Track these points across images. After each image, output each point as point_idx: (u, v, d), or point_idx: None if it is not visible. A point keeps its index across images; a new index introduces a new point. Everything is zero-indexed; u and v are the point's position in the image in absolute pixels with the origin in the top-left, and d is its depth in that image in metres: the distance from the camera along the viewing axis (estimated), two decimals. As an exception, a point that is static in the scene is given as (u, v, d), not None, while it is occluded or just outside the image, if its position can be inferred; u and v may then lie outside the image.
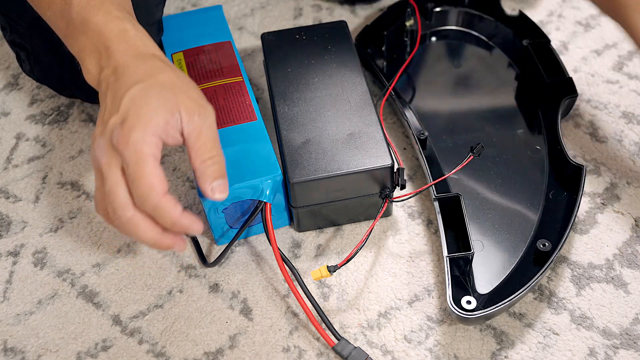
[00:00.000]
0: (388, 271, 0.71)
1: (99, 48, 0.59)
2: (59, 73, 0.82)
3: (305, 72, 0.77)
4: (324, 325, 0.65)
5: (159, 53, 0.60)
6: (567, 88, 0.80)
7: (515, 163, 0.77)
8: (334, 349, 0.63)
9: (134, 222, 0.55)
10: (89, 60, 0.60)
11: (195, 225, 0.57)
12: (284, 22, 1.00)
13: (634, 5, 0.68)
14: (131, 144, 0.54)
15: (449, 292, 0.63)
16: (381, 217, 0.72)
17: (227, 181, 0.58)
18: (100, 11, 0.60)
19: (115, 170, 0.55)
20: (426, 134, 0.78)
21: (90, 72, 0.60)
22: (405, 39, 0.92)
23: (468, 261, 0.66)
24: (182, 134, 0.57)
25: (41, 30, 0.78)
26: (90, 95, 0.87)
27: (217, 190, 0.57)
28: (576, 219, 0.71)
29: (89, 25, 0.59)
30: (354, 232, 0.74)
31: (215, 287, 0.70)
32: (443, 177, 0.71)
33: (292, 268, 0.67)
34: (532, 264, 0.67)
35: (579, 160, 0.79)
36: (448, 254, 0.66)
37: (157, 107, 0.55)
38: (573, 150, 0.80)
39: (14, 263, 0.74)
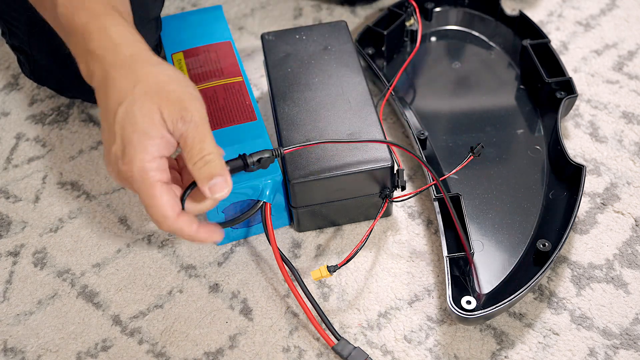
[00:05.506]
0: (388, 271, 0.71)
1: (84, 51, 0.59)
2: (58, 75, 0.82)
3: (305, 72, 0.77)
4: (324, 325, 0.65)
5: (138, 49, 0.58)
6: (567, 88, 0.80)
7: (515, 163, 0.77)
8: (334, 349, 0.63)
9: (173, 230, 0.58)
10: (80, 62, 0.60)
11: (214, 236, 0.59)
12: (284, 22, 1.00)
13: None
14: (136, 176, 0.55)
15: (449, 292, 0.63)
16: (381, 217, 0.72)
17: (226, 176, 0.57)
18: (82, 10, 0.59)
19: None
20: (426, 134, 0.78)
21: (84, 74, 0.60)
22: (405, 39, 0.92)
23: (468, 261, 0.66)
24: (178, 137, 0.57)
25: (39, 34, 0.78)
26: (90, 96, 0.86)
27: (214, 189, 0.57)
28: (576, 219, 0.71)
29: (73, 26, 0.59)
30: (354, 232, 0.74)
31: (215, 287, 0.70)
32: (443, 177, 0.71)
33: (292, 268, 0.67)
34: (532, 264, 0.67)
35: (579, 160, 0.79)
36: (448, 254, 0.66)
37: (147, 127, 0.55)
38: (573, 150, 0.80)
39: (14, 263, 0.74)
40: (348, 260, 0.65)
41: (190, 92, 0.58)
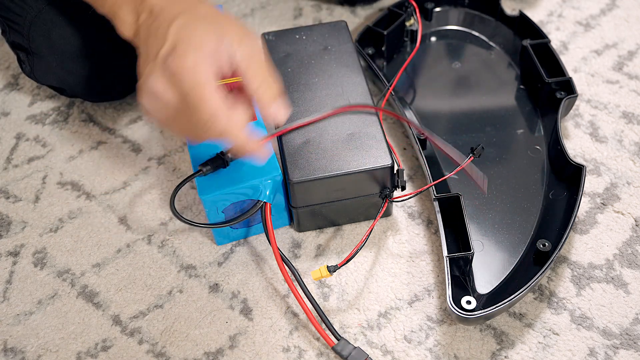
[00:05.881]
0: (388, 271, 0.71)
1: None
2: (59, 72, 0.82)
3: (305, 72, 0.77)
4: (324, 325, 0.65)
5: None
6: (567, 88, 0.80)
7: (515, 163, 0.77)
8: (334, 349, 0.63)
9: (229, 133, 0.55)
10: (124, 11, 0.59)
11: (263, 150, 0.57)
12: (284, 22, 1.00)
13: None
14: (188, 68, 0.52)
15: (448, 292, 0.63)
16: (381, 217, 0.72)
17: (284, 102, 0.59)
18: None
19: (182, 100, 0.54)
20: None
21: (126, 22, 0.59)
22: (405, 39, 0.92)
23: (468, 261, 0.66)
24: (232, 62, 0.56)
25: (40, 28, 0.78)
26: (90, 95, 0.87)
27: (279, 111, 0.58)
28: (576, 219, 0.71)
29: None
30: (354, 232, 0.74)
31: (215, 287, 0.70)
32: (443, 178, 0.71)
33: (292, 268, 0.67)
34: (532, 264, 0.67)
35: (579, 160, 0.79)
36: (448, 254, 0.66)
37: (205, 34, 0.54)
38: (573, 150, 0.80)
39: (14, 263, 0.74)
40: (348, 260, 0.65)
41: (245, 26, 0.58)
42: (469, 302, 0.63)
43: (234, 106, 0.56)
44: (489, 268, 0.68)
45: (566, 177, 0.73)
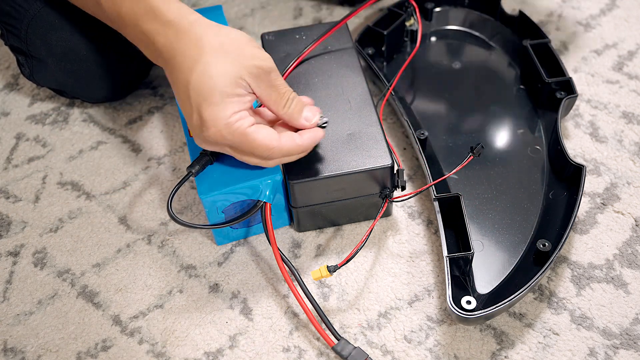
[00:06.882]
0: (388, 271, 0.71)
1: (138, 35, 0.62)
2: (58, 74, 0.82)
3: (305, 72, 0.77)
4: (324, 325, 0.65)
5: (193, 17, 0.61)
6: (567, 88, 0.80)
7: (515, 163, 0.77)
8: (334, 349, 0.63)
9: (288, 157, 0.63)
10: (140, 47, 0.63)
11: (318, 134, 0.64)
12: (284, 22, 1.00)
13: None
14: (225, 134, 0.59)
15: (448, 292, 0.63)
16: (381, 217, 0.72)
17: (313, 106, 0.65)
18: (124, 1, 0.61)
19: (233, 151, 0.62)
20: (426, 134, 0.78)
21: (153, 52, 0.62)
22: (405, 39, 0.92)
23: (468, 261, 0.66)
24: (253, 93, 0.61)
25: (38, 31, 0.78)
26: (90, 96, 0.87)
27: (310, 118, 0.64)
28: (576, 219, 0.71)
29: (123, 19, 0.62)
30: (354, 232, 0.74)
31: (215, 287, 0.70)
32: (443, 177, 0.71)
33: (292, 268, 0.67)
34: (532, 264, 0.67)
35: (579, 160, 0.79)
36: (448, 254, 0.66)
37: (224, 88, 0.58)
38: (573, 150, 0.80)
39: (14, 263, 0.74)
40: (348, 260, 0.65)
41: (255, 44, 0.61)
42: (469, 302, 0.63)
43: (280, 127, 0.65)
44: (489, 268, 0.68)
45: (566, 177, 0.73)
